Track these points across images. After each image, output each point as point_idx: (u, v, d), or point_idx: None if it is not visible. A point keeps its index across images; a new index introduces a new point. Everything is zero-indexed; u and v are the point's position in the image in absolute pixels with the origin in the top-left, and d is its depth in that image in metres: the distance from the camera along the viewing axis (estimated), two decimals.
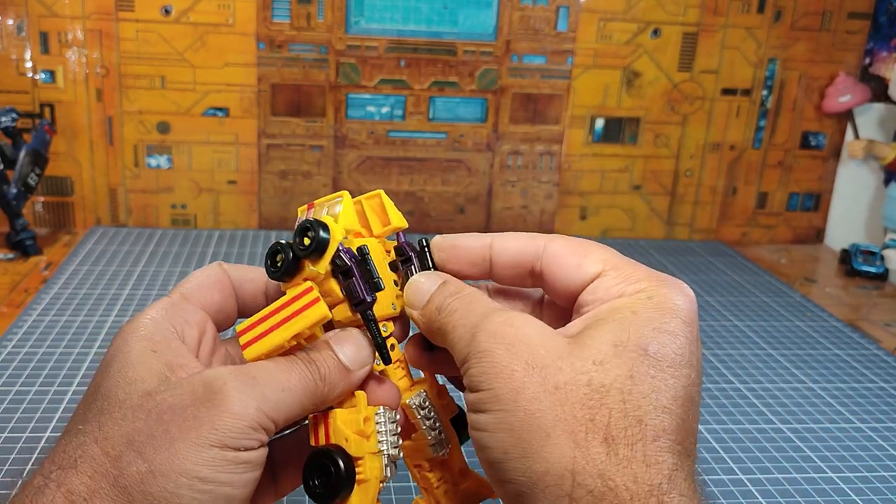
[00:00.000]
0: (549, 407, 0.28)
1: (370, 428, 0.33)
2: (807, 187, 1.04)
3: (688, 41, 0.95)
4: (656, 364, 0.29)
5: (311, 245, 0.32)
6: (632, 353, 0.29)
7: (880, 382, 0.67)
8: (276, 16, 0.88)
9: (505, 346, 0.29)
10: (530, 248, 0.35)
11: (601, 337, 0.29)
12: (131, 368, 0.30)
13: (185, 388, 0.29)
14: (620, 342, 0.29)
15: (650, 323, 0.30)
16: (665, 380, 0.28)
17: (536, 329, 0.30)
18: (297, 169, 0.94)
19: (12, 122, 0.80)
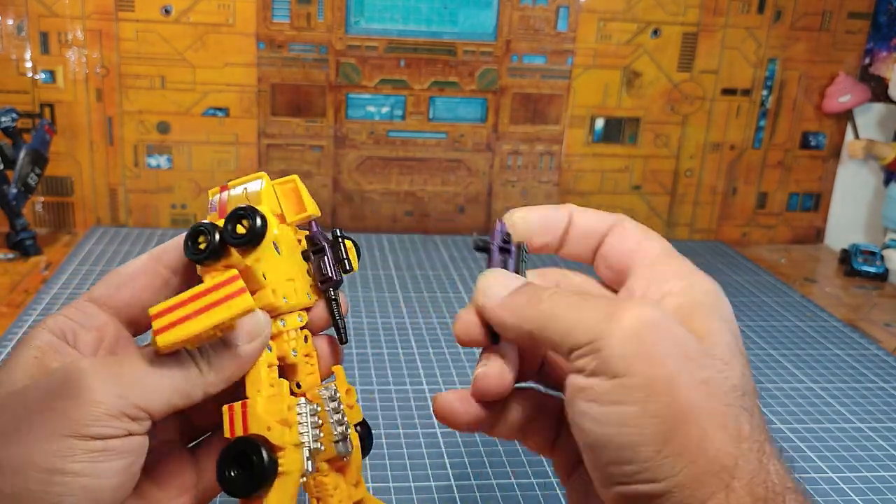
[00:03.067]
0: (703, 400, 0.27)
1: (294, 417, 0.31)
2: (807, 187, 1.04)
3: (688, 41, 0.95)
4: (745, 360, 0.30)
5: (245, 235, 0.31)
6: (739, 352, 0.30)
7: (880, 382, 0.67)
8: (276, 16, 0.88)
9: (653, 331, 0.27)
10: (603, 224, 0.36)
11: (719, 334, 0.30)
12: (8, 373, 0.30)
13: (46, 381, 0.28)
14: (732, 342, 0.30)
15: (732, 322, 0.31)
16: (749, 375, 0.30)
17: (667, 314, 0.29)
18: (297, 169, 0.94)
19: (12, 122, 0.80)
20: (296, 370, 0.34)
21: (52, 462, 0.27)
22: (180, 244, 0.33)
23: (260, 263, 0.32)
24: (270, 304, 0.32)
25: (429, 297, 0.78)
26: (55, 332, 0.31)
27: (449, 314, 0.74)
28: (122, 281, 0.35)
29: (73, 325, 0.32)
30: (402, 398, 0.59)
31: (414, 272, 0.84)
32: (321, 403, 0.33)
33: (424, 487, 0.49)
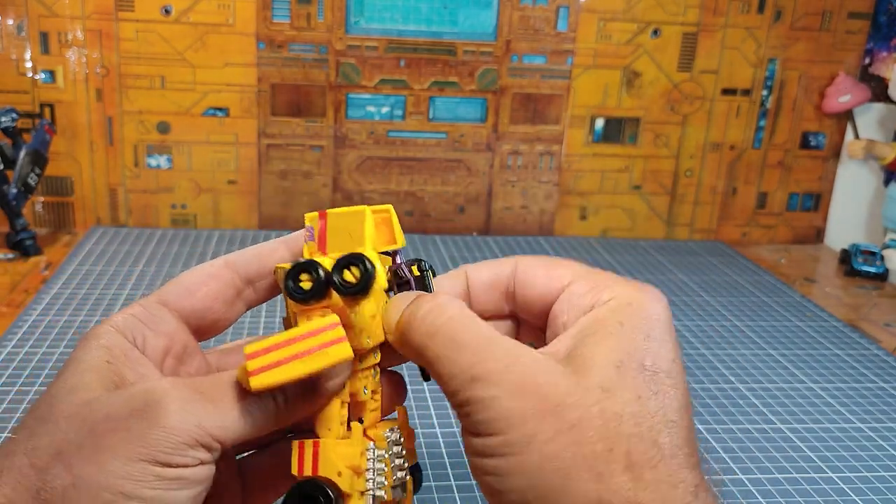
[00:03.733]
0: (566, 446, 0.27)
1: (364, 464, 0.31)
2: (807, 187, 1.04)
3: (688, 41, 0.95)
4: (655, 378, 0.29)
5: (355, 286, 0.30)
6: (633, 371, 0.28)
7: (880, 382, 0.67)
8: (276, 16, 0.88)
9: (510, 391, 0.28)
10: (503, 271, 0.35)
11: (601, 359, 0.29)
12: (79, 375, 0.29)
13: (124, 398, 0.28)
14: (620, 362, 0.29)
15: (639, 332, 0.29)
16: (667, 393, 0.29)
17: (539, 364, 0.29)
18: (297, 169, 0.94)
19: (12, 122, 0.80)
20: (363, 407, 0.33)
21: (124, 485, 0.26)
22: (259, 255, 0.34)
23: (359, 309, 0.31)
24: (358, 346, 0.31)
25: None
26: (125, 335, 0.31)
27: None
28: (194, 286, 0.33)
29: (143, 328, 0.31)
30: None
31: None
32: (386, 448, 0.33)
33: (424, 487, 0.49)
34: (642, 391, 0.28)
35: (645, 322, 0.30)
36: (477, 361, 0.29)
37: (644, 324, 0.30)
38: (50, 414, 0.28)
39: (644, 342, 0.29)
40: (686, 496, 0.27)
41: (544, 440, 0.27)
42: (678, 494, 0.27)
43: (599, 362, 0.29)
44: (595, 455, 0.27)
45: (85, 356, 0.30)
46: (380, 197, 0.96)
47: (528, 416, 0.27)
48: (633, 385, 0.28)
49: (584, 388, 0.28)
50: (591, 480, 0.27)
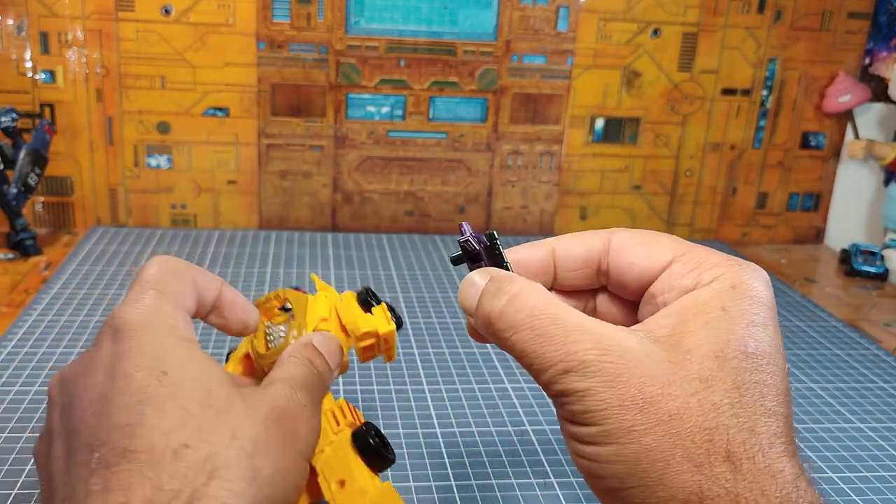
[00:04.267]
0: (665, 437, 0.27)
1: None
2: (807, 187, 1.04)
3: (688, 41, 0.95)
4: (756, 364, 0.28)
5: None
6: (733, 359, 0.28)
7: (880, 382, 0.67)
8: (276, 16, 0.88)
9: (605, 382, 0.28)
10: (595, 246, 0.34)
11: (700, 347, 0.28)
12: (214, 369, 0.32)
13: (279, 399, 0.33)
14: (721, 350, 0.28)
15: (742, 318, 0.29)
16: (766, 379, 0.28)
17: (635, 351, 0.28)
18: (297, 169, 0.94)
19: (12, 122, 0.80)
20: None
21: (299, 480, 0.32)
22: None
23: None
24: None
25: (429, 297, 0.78)
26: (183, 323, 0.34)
27: (449, 314, 0.74)
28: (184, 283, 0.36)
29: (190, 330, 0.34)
30: (402, 398, 0.59)
31: (414, 272, 0.84)
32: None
33: (424, 488, 0.49)
34: (742, 380, 0.28)
35: (748, 306, 0.29)
36: (567, 353, 0.28)
37: (747, 308, 0.29)
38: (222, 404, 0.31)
39: (746, 328, 0.28)
40: (785, 486, 0.27)
41: (643, 431, 0.27)
42: (777, 485, 0.27)
43: (699, 350, 0.28)
44: (694, 446, 0.27)
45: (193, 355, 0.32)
46: (380, 197, 0.96)
47: (625, 406, 0.27)
48: (733, 374, 0.28)
49: (682, 377, 0.28)
50: (691, 471, 0.27)
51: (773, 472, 0.27)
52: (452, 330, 0.71)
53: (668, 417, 0.27)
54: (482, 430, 0.56)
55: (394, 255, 0.89)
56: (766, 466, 0.27)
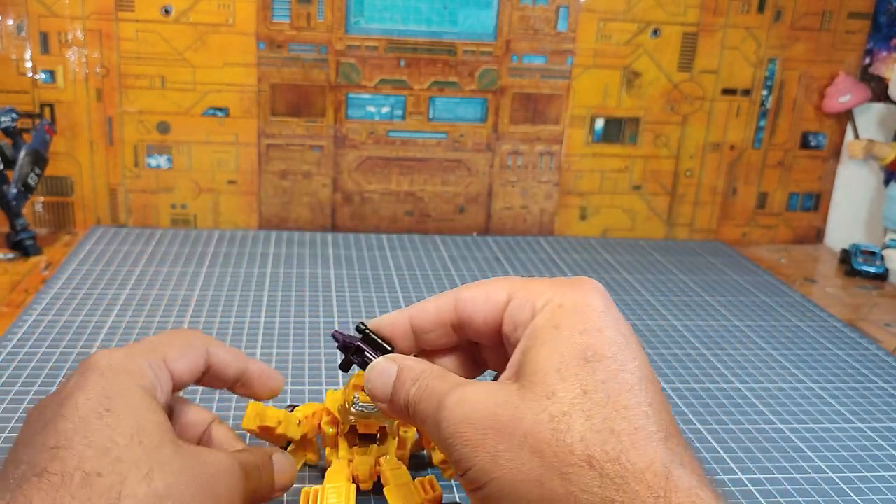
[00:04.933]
0: (528, 457, 0.28)
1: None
2: (807, 187, 1.04)
3: (688, 41, 0.95)
4: (600, 367, 0.29)
5: None
6: (574, 368, 0.29)
7: (880, 382, 0.67)
8: (276, 16, 0.88)
9: (466, 424, 0.30)
10: (444, 304, 0.36)
11: (542, 367, 0.30)
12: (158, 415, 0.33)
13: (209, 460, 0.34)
14: (560, 365, 0.29)
15: (573, 330, 0.30)
16: (614, 378, 0.29)
17: (484, 393, 0.30)
18: (297, 169, 0.94)
19: (12, 122, 0.80)
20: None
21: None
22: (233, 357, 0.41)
23: None
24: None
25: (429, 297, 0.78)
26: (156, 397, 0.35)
27: None
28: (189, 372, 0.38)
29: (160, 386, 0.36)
30: None
31: (414, 272, 0.84)
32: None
33: None
34: (587, 385, 0.29)
35: (578, 318, 0.31)
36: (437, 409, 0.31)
37: (577, 320, 0.31)
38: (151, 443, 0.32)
39: (580, 337, 0.30)
40: (657, 479, 0.27)
41: (508, 458, 0.28)
42: (647, 480, 0.27)
43: (541, 370, 0.30)
44: (557, 458, 0.28)
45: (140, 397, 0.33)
46: (380, 197, 0.96)
47: (487, 441, 0.29)
48: (577, 382, 0.29)
49: (529, 399, 0.29)
50: (562, 484, 0.27)
51: (640, 470, 0.27)
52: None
53: (522, 438, 0.28)
54: None
55: (394, 255, 0.89)
56: (631, 464, 0.27)
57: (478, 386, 0.31)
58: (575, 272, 0.87)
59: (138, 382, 0.34)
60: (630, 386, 0.29)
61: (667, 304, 0.80)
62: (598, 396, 0.28)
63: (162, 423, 0.33)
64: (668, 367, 0.67)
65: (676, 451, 0.28)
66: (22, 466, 0.30)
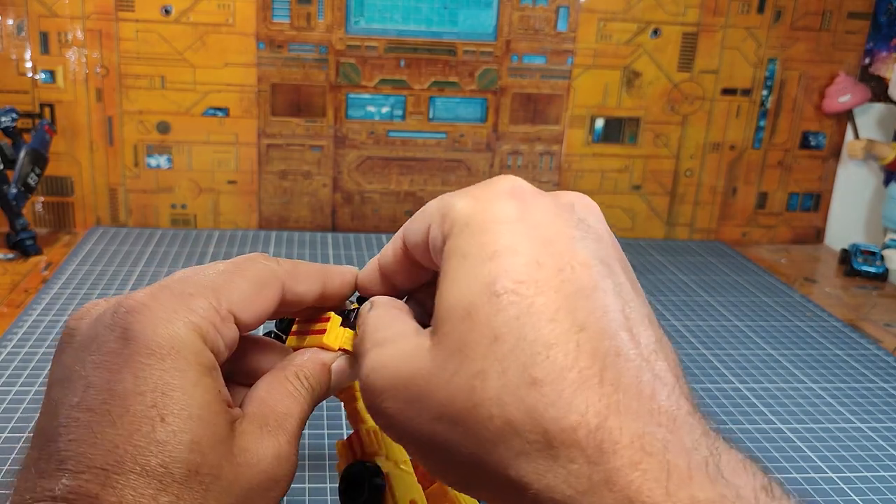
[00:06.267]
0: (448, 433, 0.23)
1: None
2: (807, 187, 1.04)
3: (688, 41, 0.95)
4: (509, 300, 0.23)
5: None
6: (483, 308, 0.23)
7: (880, 382, 0.67)
8: (276, 16, 0.88)
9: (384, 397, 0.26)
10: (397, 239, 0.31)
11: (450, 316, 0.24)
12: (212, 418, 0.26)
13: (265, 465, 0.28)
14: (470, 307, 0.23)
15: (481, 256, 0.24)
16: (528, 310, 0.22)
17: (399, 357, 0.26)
18: (297, 169, 0.94)
19: (12, 122, 0.80)
20: None
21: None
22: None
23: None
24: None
25: None
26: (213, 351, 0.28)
27: None
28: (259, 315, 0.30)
29: (221, 344, 0.28)
30: None
31: None
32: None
33: None
34: (498, 327, 0.22)
35: (486, 238, 0.24)
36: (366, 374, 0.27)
37: (486, 241, 0.24)
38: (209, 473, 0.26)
39: (488, 265, 0.23)
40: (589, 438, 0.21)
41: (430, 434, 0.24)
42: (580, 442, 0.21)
43: (450, 318, 0.24)
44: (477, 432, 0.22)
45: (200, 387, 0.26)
46: (380, 197, 0.96)
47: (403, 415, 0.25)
48: (488, 325, 0.23)
49: (441, 359, 0.24)
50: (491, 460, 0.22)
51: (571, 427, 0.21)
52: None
53: (440, 411, 0.23)
54: None
55: None
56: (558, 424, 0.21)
57: (394, 346, 0.26)
58: None
59: (199, 362, 0.27)
60: (551, 313, 0.22)
61: (667, 304, 0.80)
62: (510, 339, 0.22)
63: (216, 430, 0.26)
64: None
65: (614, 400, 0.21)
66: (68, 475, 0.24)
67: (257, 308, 0.30)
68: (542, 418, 0.21)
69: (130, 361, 0.26)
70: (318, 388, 0.31)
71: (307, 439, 0.53)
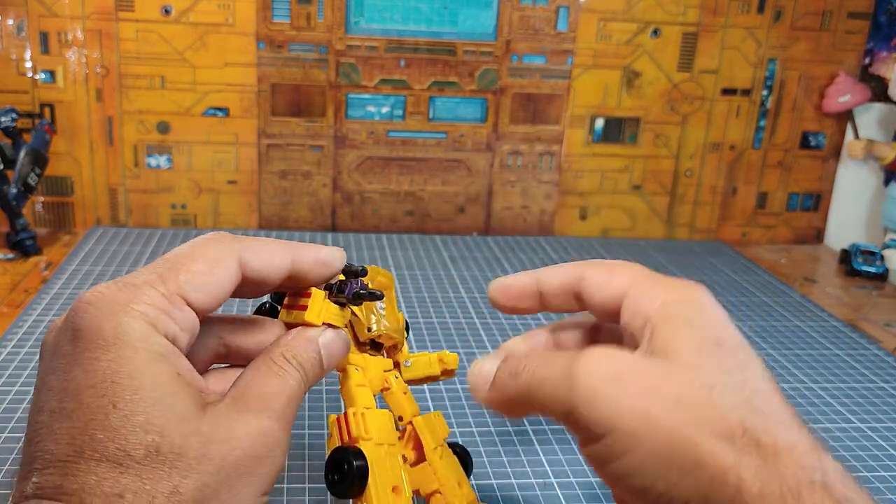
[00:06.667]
0: (682, 419, 0.28)
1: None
2: (807, 187, 1.04)
3: (688, 41, 0.95)
4: (733, 353, 0.30)
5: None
6: (712, 349, 0.30)
7: (880, 382, 0.67)
8: (276, 16, 0.88)
9: (610, 380, 0.29)
10: (571, 273, 0.36)
11: (681, 344, 0.30)
12: (171, 398, 0.27)
13: (245, 441, 0.28)
14: (699, 344, 0.30)
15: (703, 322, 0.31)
16: (747, 365, 0.30)
17: (625, 356, 0.30)
18: (297, 169, 0.94)
19: (12, 122, 0.80)
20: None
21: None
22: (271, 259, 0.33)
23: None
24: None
25: (429, 297, 0.78)
26: (166, 335, 0.29)
27: (449, 314, 0.74)
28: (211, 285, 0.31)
29: (175, 328, 0.29)
30: None
31: (414, 272, 0.84)
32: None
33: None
34: (726, 364, 0.29)
35: (706, 313, 0.32)
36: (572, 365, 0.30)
37: (706, 314, 0.32)
38: (172, 454, 0.27)
39: (710, 329, 0.31)
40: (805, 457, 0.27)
41: (659, 417, 0.28)
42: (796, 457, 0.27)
43: (682, 349, 0.30)
44: (709, 421, 0.28)
45: (152, 369, 0.27)
46: (380, 197, 0.96)
47: (634, 400, 0.28)
48: (717, 360, 0.29)
49: (673, 368, 0.29)
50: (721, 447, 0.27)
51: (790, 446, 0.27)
52: (452, 330, 0.71)
53: (675, 402, 0.28)
54: (482, 430, 0.56)
55: (394, 255, 0.89)
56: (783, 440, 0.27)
57: (613, 349, 0.31)
58: None
59: (148, 348, 0.27)
60: (761, 376, 0.30)
61: None
62: (736, 377, 0.29)
63: (182, 407, 0.27)
64: None
65: (817, 440, 0.28)
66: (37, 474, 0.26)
67: (211, 288, 0.30)
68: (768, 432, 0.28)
69: (80, 359, 0.27)
70: (307, 365, 0.32)
71: (307, 438, 0.53)
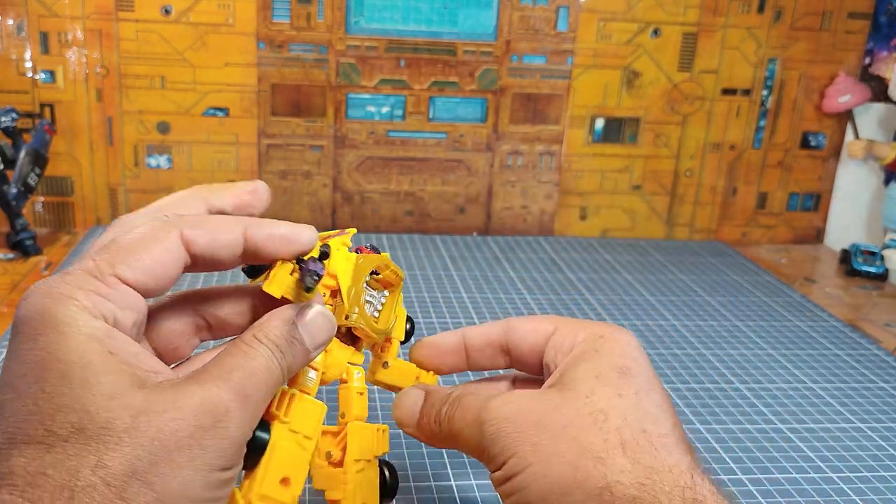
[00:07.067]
0: (567, 443, 0.32)
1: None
2: (807, 187, 1.04)
3: (688, 41, 0.95)
4: (633, 381, 0.34)
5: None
6: (611, 377, 0.34)
7: (880, 382, 0.67)
8: (276, 16, 0.88)
9: (508, 420, 0.33)
10: (495, 330, 0.40)
11: (581, 375, 0.34)
12: (100, 377, 0.27)
13: (186, 412, 0.27)
14: (599, 372, 0.34)
15: (612, 354, 0.35)
16: (645, 393, 0.34)
17: (528, 395, 0.34)
18: (297, 169, 0.94)
19: (12, 122, 0.80)
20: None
21: (203, 494, 0.27)
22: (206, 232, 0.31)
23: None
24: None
25: (429, 297, 0.78)
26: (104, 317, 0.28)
27: (449, 314, 0.74)
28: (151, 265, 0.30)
29: (112, 308, 0.29)
30: None
31: (414, 272, 0.84)
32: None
33: (425, 487, 0.49)
34: (622, 390, 0.33)
35: (617, 346, 0.35)
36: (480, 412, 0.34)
37: (616, 347, 0.35)
38: (97, 428, 0.26)
39: (618, 359, 0.35)
40: (682, 477, 0.31)
41: (546, 446, 0.32)
42: (674, 476, 0.31)
43: (581, 377, 0.34)
44: (593, 445, 0.31)
45: (80, 349, 0.27)
46: (380, 197, 0.96)
47: (529, 433, 0.32)
48: (614, 386, 0.33)
49: (570, 398, 0.33)
50: (596, 466, 0.31)
51: (669, 465, 0.31)
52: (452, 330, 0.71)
53: (563, 428, 0.32)
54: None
55: (394, 255, 0.89)
56: (661, 459, 0.31)
57: (518, 391, 0.35)
58: (575, 272, 0.87)
59: (78, 332, 0.27)
60: (657, 403, 0.33)
61: (667, 304, 0.80)
62: (631, 401, 0.33)
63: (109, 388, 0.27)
64: (668, 367, 0.67)
65: (698, 465, 0.32)
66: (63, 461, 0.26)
67: (149, 266, 0.29)
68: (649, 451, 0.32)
69: (16, 351, 0.28)
70: (280, 343, 0.31)
71: None
